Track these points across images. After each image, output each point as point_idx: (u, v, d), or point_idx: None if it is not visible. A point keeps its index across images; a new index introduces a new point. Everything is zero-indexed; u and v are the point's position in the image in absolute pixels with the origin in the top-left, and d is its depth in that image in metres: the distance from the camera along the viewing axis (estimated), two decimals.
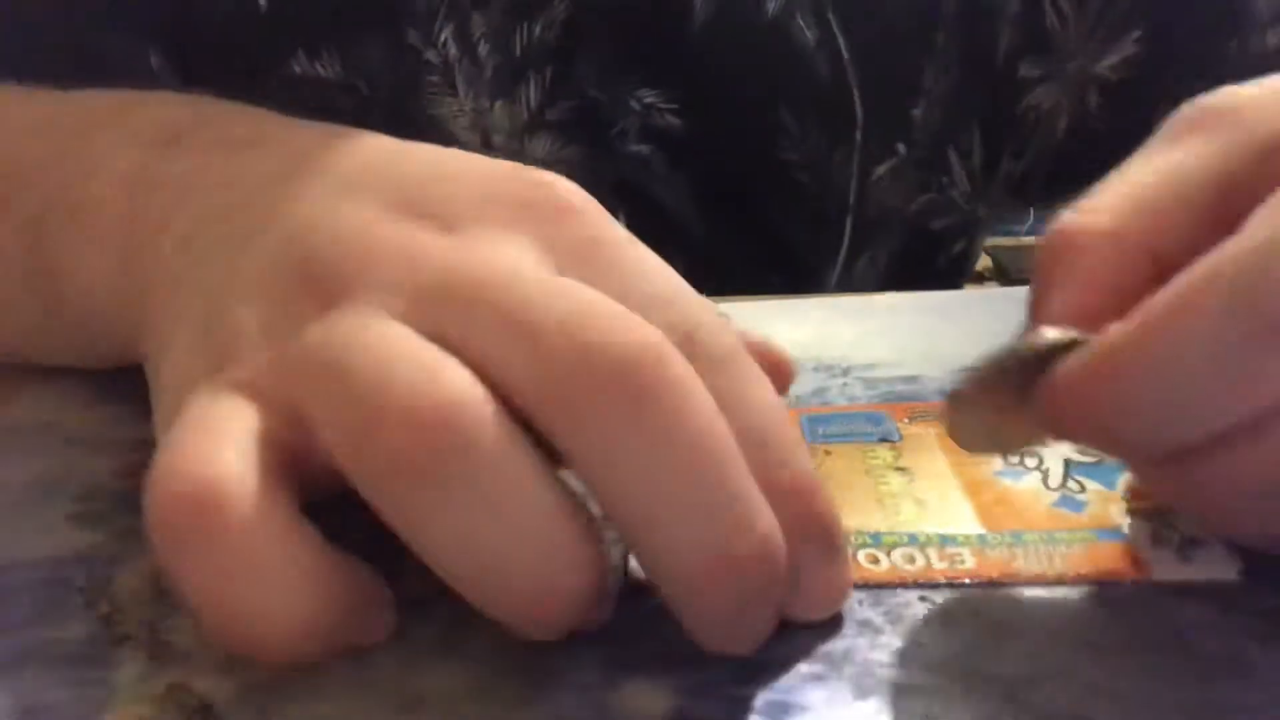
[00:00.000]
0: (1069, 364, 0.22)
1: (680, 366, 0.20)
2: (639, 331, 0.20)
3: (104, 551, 0.25)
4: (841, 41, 0.42)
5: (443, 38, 0.38)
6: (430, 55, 0.38)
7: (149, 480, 0.20)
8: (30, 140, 0.31)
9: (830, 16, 0.41)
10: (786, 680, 0.21)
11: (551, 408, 0.20)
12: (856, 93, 0.43)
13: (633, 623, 0.23)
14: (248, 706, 0.21)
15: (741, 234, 0.44)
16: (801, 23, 0.41)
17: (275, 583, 0.20)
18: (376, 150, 0.27)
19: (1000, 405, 0.23)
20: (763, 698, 0.21)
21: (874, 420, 0.29)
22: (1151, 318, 0.20)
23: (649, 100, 0.41)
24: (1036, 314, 0.24)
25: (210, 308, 0.24)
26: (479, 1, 0.39)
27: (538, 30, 0.39)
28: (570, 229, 0.24)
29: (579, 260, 0.23)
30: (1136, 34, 0.45)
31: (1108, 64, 0.45)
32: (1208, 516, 0.23)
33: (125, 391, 0.31)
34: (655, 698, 0.21)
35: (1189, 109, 0.25)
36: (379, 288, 0.22)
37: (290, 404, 0.21)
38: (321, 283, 0.22)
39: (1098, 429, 0.22)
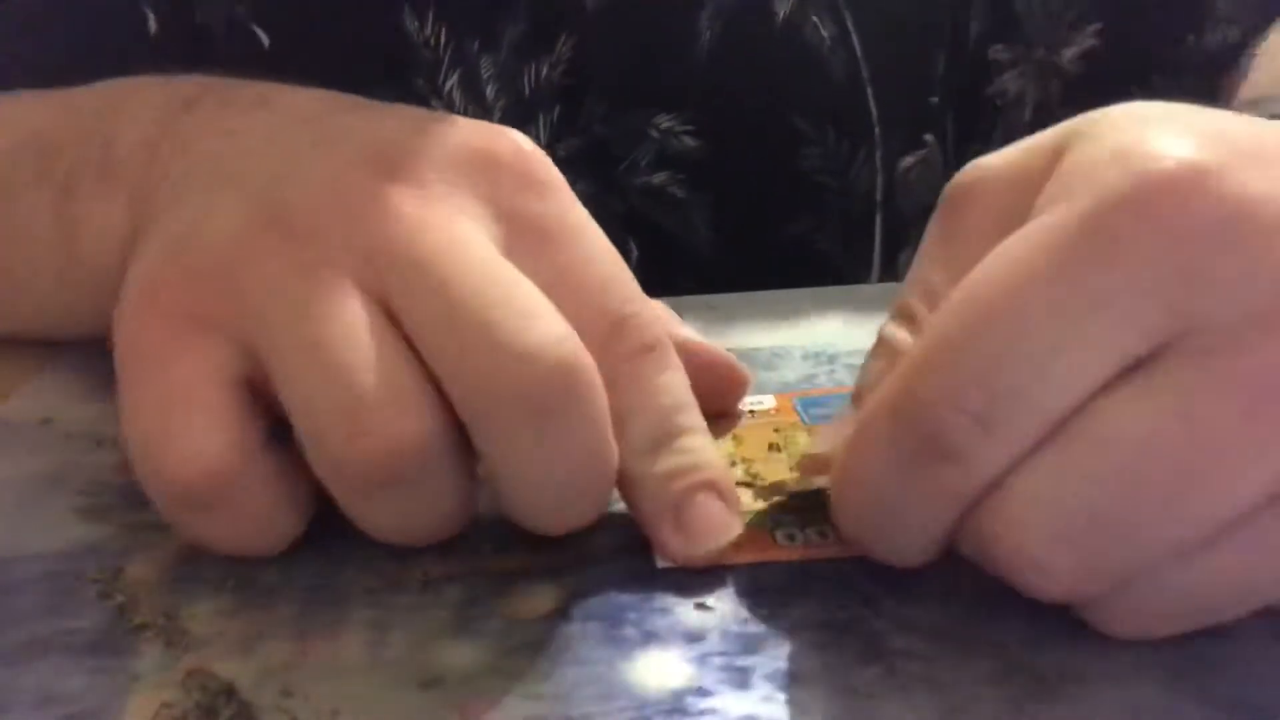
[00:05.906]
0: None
1: (586, 384, 0.22)
2: (557, 348, 0.22)
3: (113, 544, 0.26)
4: (855, 38, 0.42)
5: (448, 87, 0.39)
6: (435, 105, 0.38)
7: (142, 457, 0.23)
8: (56, 117, 0.32)
9: (845, 12, 0.42)
10: (792, 649, 0.22)
11: (469, 411, 0.23)
12: (870, 89, 0.43)
13: (641, 600, 0.23)
14: (271, 687, 0.21)
15: (767, 251, 0.45)
16: (816, 21, 0.41)
17: (274, 521, 0.24)
18: (366, 110, 0.28)
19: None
20: (769, 667, 0.22)
21: None
22: (845, 452, 0.22)
23: (666, 125, 0.42)
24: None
25: (180, 231, 0.25)
26: (486, 45, 0.39)
27: (545, 70, 0.40)
28: (532, 203, 0.25)
29: (531, 238, 0.25)
30: (1096, 27, 0.46)
31: (1069, 55, 0.46)
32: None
33: None
34: (665, 670, 0.22)
35: (951, 189, 0.25)
36: (337, 241, 0.23)
37: (250, 343, 0.23)
38: (282, 225, 0.24)
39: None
